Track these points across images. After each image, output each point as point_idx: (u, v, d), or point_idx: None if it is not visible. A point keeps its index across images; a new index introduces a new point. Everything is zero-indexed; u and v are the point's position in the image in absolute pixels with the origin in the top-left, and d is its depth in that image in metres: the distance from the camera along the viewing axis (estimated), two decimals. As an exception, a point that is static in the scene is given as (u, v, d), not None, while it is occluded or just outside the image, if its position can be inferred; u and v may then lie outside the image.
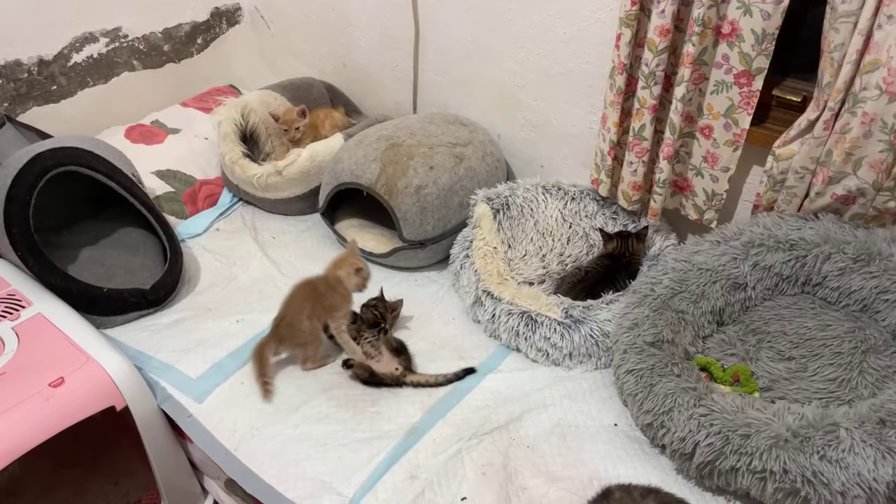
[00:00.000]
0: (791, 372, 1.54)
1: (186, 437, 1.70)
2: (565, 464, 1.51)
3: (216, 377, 1.71)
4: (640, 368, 1.51)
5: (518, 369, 1.74)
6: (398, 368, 1.66)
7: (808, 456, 1.27)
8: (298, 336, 1.70)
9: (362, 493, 1.44)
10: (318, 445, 1.56)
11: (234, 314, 1.90)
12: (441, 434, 1.57)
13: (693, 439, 1.37)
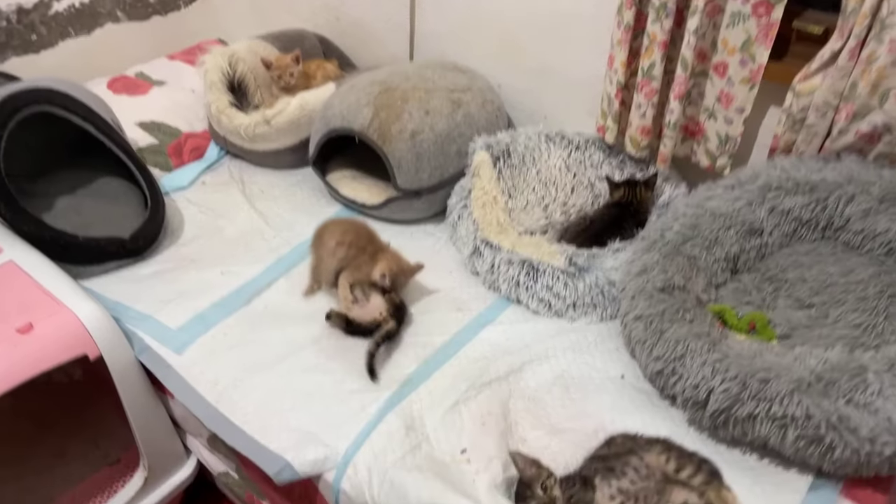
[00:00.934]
0: (811, 319, 1.44)
1: (167, 391, 1.60)
2: (568, 416, 1.41)
3: (197, 328, 1.62)
4: (650, 314, 1.40)
5: (518, 321, 1.64)
6: (382, 313, 1.56)
7: (833, 400, 1.17)
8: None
9: (355, 445, 1.34)
10: (304, 397, 1.46)
11: (218, 265, 1.80)
12: (437, 385, 1.47)
13: (707, 386, 1.27)
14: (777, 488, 1.24)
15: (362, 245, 1.69)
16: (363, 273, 1.64)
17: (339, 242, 1.68)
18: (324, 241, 1.72)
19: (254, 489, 1.60)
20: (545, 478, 1.21)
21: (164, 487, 1.69)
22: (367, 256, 1.66)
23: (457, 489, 1.24)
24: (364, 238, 1.71)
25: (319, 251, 1.72)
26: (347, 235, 1.69)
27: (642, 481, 1.20)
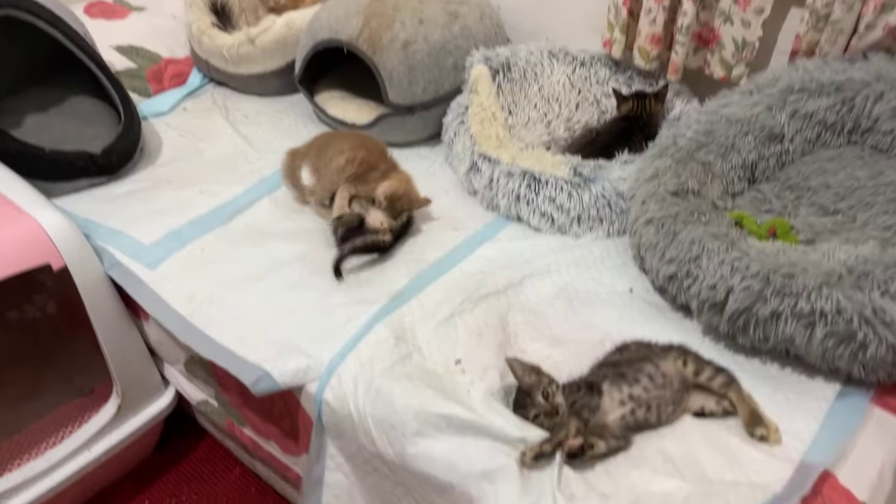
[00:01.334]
0: (837, 224, 1.32)
1: (141, 314, 1.49)
2: (572, 328, 1.30)
3: (172, 244, 1.50)
4: (662, 216, 1.29)
5: (519, 238, 1.53)
6: (382, 223, 1.44)
7: (866, 293, 1.06)
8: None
9: (340, 355, 1.23)
10: (287, 311, 1.35)
11: (197, 185, 1.68)
12: (430, 299, 1.36)
13: (726, 285, 1.16)
14: (800, 397, 1.13)
15: (374, 162, 1.57)
16: (368, 188, 1.52)
17: (349, 160, 1.54)
18: (328, 155, 1.58)
19: (234, 415, 1.49)
20: (546, 384, 1.10)
21: (139, 417, 1.58)
22: (378, 174, 1.55)
23: (449, 397, 1.13)
24: (376, 154, 1.59)
25: (318, 165, 1.59)
26: (359, 152, 1.56)
27: (657, 389, 1.09)
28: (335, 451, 1.21)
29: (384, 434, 1.12)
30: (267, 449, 1.45)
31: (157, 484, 1.69)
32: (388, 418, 1.13)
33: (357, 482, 1.20)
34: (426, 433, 1.09)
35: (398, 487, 1.15)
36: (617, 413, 1.07)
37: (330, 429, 1.20)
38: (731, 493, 0.97)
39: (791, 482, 0.99)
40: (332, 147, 1.60)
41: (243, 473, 1.70)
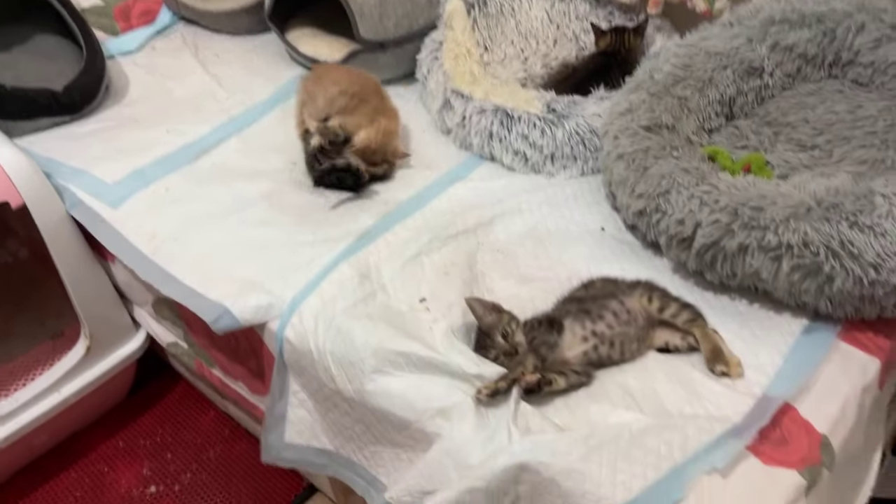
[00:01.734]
0: (813, 159, 1.29)
1: (107, 255, 1.47)
2: (541, 266, 1.28)
3: (136, 183, 1.47)
4: (633, 151, 1.25)
5: (491, 178, 1.49)
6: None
7: (834, 224, 1.03)
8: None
9: (302, 294, 1.21)
10: (251, 249, 1.32)
11: (164, 125, 1.63)
12: (397, 238, 1.33)
13: (694, 220, 1.13)
14: (767, 332, 1.12)
15: (366, 96, 1.54)
16: (351, 123, 1.47)
17: (342, 91, 1.51)
18: (324, 83, 1.55)
19: (203, 356, 1.48)
20: (506, 323, 1.08)
21: (109, 359, 1.57)
22: (370, 109, 1.51)
23: (409, 335, 1.11)
24: (370, 90, 1.56)
25: (314, 91, 1.55)
26: (353, 86, 1.53)
27: (621, 326, 1.08)
28: (298, 388, 1.20)
29: (343, 371, 1.11)
30: (235, 389, 1.44)
31: (131, 426, 1.69)
32: (347, 356, 1.11)
33: (319, 418, 1.19)
34: (384, 370, 1.08)
35: (358, 424, 1.14)
36: (579, 349, 1.06)
37: (292, 366, 1.19)
38: (690, 425, 0.96)
39: (750, 414, 0.98)
40: (328, 77, 1.57)
41: (217, 416, 1.70)
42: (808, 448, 0.95)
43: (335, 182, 1.43)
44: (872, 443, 1.16)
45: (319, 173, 1.43)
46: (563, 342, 1.06)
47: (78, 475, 1.59)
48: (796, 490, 0.91)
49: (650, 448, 0.92)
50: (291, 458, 1.26)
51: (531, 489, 0.92)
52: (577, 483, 0.89)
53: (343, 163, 1.40)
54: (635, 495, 0.88)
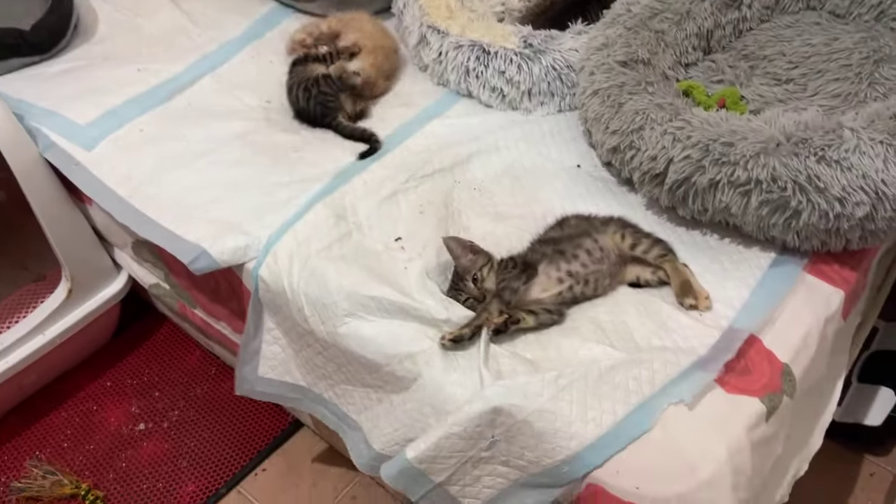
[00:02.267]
0: (788, 93, 1.29)
1: (83, 197, 1.46)
2: (516, 204, 1.29)
3: (109, 123, 1.45)
4: (608, 87, 1.25)
5: (468, 114, 1.49)
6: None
7: (802, 159, 1.04)
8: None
9: (278, 233, 1.22)
10: (226, 190, 1.32)
11: (135, 63, 1.60)
12: (373, 177, 1.33)
13: (666, 156, 1.14)
14: (736, 266, 1.14)
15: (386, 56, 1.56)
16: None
17: (377, 45, 1.54)
18: (364, 28, 1.56)
19: (185, 297, 1.49)
20: (481, 266, 1.10)
21: (92, 301, 1.58)
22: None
23: (382, 278, 1.13)
24: (390, 50, 1.59)
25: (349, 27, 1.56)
26: (380, 40, 1.56)
27: (595, 264, 1.09)
28: (272, 326, 1.22)
29: (317, 313, 1.13)
30: (218, 329, 1.46)
31: (118, 366, 1.72)
32: (320, 298, 1.13)
33: (293, 355, 1.22)
34: (356, 314, 1.10)
35: (330, 363, 1.17)
36: (554, 290, 1.08)
37: (267, 304, 1.21)
38: (657, 359, 0.99)
39: (716, 346, 1.02)
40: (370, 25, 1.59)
41: (202, 355, 1.73)
42: (770, 376, 0.99)
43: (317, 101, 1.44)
44: (835, 371, 1.20)
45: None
46: (535, 286, 1.07)
47: (68, 414, 1.62)
48: (757, 416, 0.95)
49: (619, 384, 0.95)
50: (265, 391, 1.29)
51: (506, 431, 0.95)
52: (549, 422, 0.92)
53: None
54: (606, 430, 0.91)
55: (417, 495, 1.03)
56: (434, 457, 0.99)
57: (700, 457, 0.89)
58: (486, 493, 0.99)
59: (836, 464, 1.46)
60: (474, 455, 0.98)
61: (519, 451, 0.95)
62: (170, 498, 1.47)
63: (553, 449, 0.91)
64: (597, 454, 0.89)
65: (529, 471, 0.94)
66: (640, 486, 0.88)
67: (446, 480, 1.01)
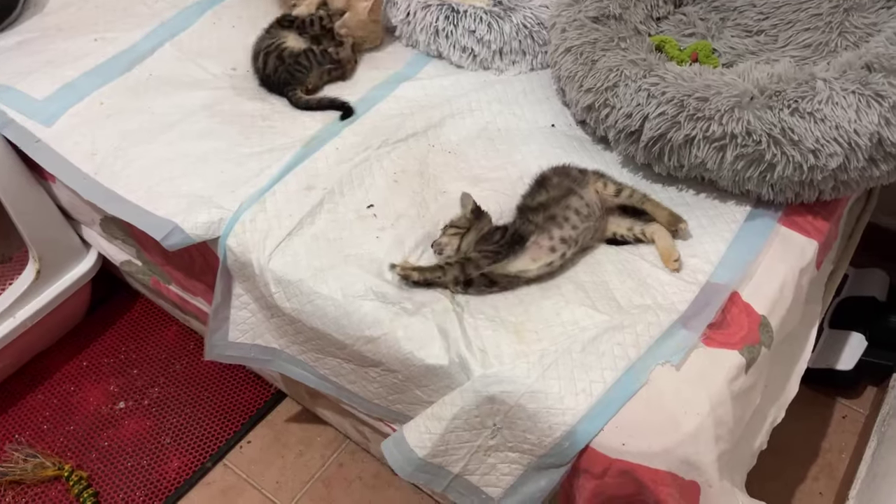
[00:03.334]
0: (759, 45, 1.29)
1: (46, 175, 1.41)
2: (492, 167, 1.28)
3: (68, 97, 1.40)
4: (581, 44, 1.24)
5: (439, 76, 1.46)
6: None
7: (776, 112, 1.04)
8: None
9: (248, 202, 1.19)
10: (195, 163, 1.29)
11: (91, 33, 1.55)
12: (345, 143, 1.31)
13: (641, 113, 1.13)
14: (712, 221, 1.15)
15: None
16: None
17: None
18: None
19: (159, 274, 1.47)
20: (451, 233, 1.11)
21: (62, 281, 1.55)
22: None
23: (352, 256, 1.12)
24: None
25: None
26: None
27: (584, 222, 1.08)
28: (242, 292, 1.20)
29: (282, 290, 1.12)
30: (195, 304, 1.44)
31: (93, 345, 1.69)
32: (286, 276, 1.12)
33: (263, 320, 1.20)
34: (321, 293, 1.09)
35: (300, 334, 1.16)
36: (545, 260, 1.06)
37: (235, 273, 1.19)
38: (639, 321, 0.99)
39: (695, 301, 1.03)
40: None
41: (179, 330, 1.71)
42: (748, 329, 1.00)
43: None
44: (809, 320, 1.23)
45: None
46: (524, 256, 1.07)
47: (45, 396, 1.60)
48: (737, 368, 0.97)
49: (604, 352, 0.96)
50: (236, 354, 1.27)
51: (504, 418, 0.96)
52: (541, 402, 0.93)
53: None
54: (597, 398, 0.92)
55: (442, 487, 1.05)
56: (445, 450, 1.01)
57: (683, 411, 0.91)
58: (506, 479, 1.01)
59: (810, 408, 1.50)
60: (482, 444, 1.00)
61: (521, 435, 0.96)
62: (155, 474, 1.46)
63: (549, 427, 0.92)
64: (592, 423, 0.90)
65: (536, 453, 0.95)
66: (625, 443, 0.89)
67: (463, 470, 1.03)
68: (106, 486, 1.45)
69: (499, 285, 1.06)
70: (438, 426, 1.00)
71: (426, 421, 1.01)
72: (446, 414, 0.99)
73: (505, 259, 1.06)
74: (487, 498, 1.02)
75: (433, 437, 1.00)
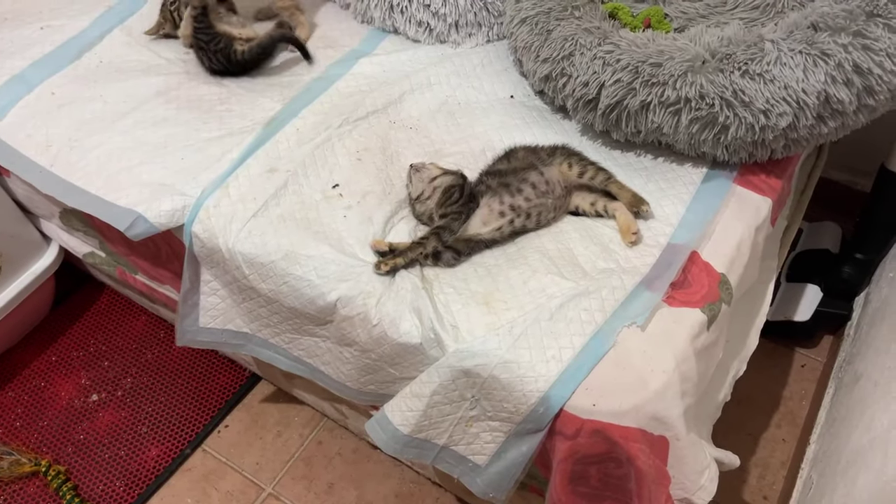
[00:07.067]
0: (708, 8, 1.31)
1: (1, 170, 1.38)
2: (454, 140, 1.29)
3: (18, 89, 1.38)
4: (535, 14, 1.24)
5: (396, 51, 1.46)
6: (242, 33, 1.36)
7: (727, 74, 1.07)
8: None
9: (211, 187, 1.19)
10: (154, 150, 1.28)
11: (37, 21, 1.51)
12: (305, 123, 1.31)
13: (598, 81, 1.15)
14: (671, 184, 1.18)
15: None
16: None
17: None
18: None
19: (124, 264, 1.45)
20: (446, 190, 1.11)
21: (24, 277, 1.53)
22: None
23: (320, 234, 1.12)
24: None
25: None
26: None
27: (539, 198, 1.11)
28: (210, 278, 1.20)
29: (255, 271, 1.12)
30: (163, 292, 1.44)
31: (62, 340, 1.67)
32: (258, 258, 1.12)
33: (234, 304, 1.21)
34: (295, 272, 1.09)
35: (275, 315, 1.16)
36: (494, 224, 1.09)
37: (203, 259, 1.18)
38: (604, 286, 1.02)
39: (657, 264, 1.06)
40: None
41: (149, 319, 1.70)
42: (709, 287, 1.04)
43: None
44: (766, 275, 1.28)
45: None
46: (476, 218, 1.09)
47: (15, 393, 1.58)
48: (699, 326, 1.00)
49: (571, 318, 0.98)
50: (207, 340, 1.28)
51: (480, 389, 0.99)
52: (513, 371, 0.95)
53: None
54: (567, 363, 0.94)
55: (430, 459, 1.08)
56: (428, 424, 1.04)
57: (650, 369, 0.94)
58: (489, 447, 1.03)
59: (769, 359, 1.56)
60: (463, 415, 1.02)
61: (498, 404, 0.98)
62: (133, 464, 1.47)
63: (524, 395, 0.95)
64: (565, 387, 0.93)
65: (515, 420, 0.97)
66: (596, 403, 0.92)
67: (449, 441, 1.05)
68: (85, 479, 1.45)
69: (462, 254, 1.08)
70: (419, 403, 1.02)
71: (406, 400, 1.04)
72: (425, 391, 1.01)
73: (467, 220, 1.09)
74: (475, 465, 1.05)
75: (416, 414, 1.02)
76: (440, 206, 1.10)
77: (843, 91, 1.05)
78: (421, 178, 1.14)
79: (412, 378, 1.06)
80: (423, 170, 1.15)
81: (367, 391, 1.16)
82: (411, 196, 1.16)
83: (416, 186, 1.15)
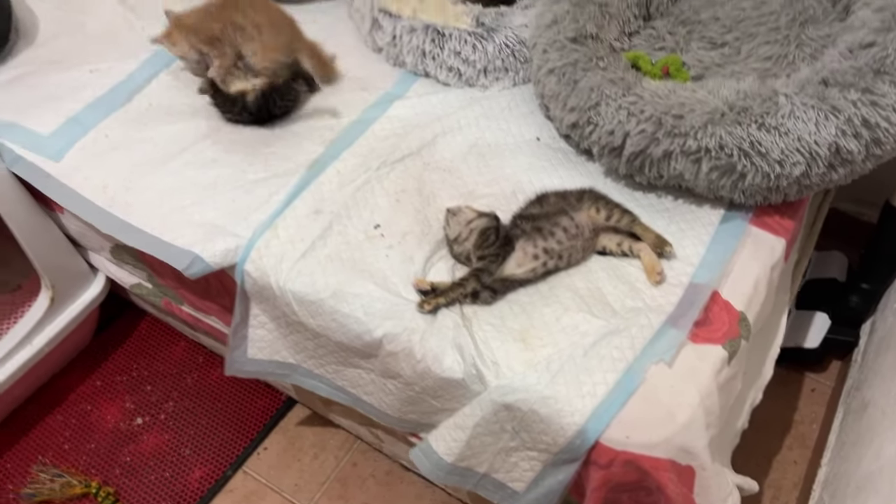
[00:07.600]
0: (724, 57, 1.40)
1: (55, 206, 1.47)
2: (486, 182, 1.37)
3: (74, 132, 1.46)
4: (562, 65, 1.33)
5: (427, 94, 1.54)
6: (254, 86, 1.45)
7: (745, 127, 1.15)
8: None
9: (261, 228, 1.27)
10: (205, 190, 1.36)
11: (85, 64, 1.59)
12: (346, 166, 1.39)
13: (623, 130, 1.23)
14: (690, 224, 1.26)
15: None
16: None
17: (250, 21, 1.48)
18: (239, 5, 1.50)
19: (171, 296, 1.54)
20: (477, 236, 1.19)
21: (74, 307, 1.61)
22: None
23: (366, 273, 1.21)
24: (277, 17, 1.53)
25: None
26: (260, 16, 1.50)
27: (570, 240, 1.19)
28: (258, 312, 1.29)
29: (305, 308, 1.21)
30: (208, 323, 1.52)
31: (105, 365, 1.75)
32: (307, 296, 1.20)
33: (280, 337, 1.29)
34: (342, 310, 1.18)
35: (320, 348, 1.25)
36: (529, 266, 1.17)
37: (253, 295, 1.27)
38: (633, 324, 1.10)
39: (681, 302, 1.14)
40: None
41: (188, 345, 1.78)
42: (729, 325, 1.12)
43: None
44: (780, 308, 1.36)
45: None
46: (511, 261, 1.17)
47: (63, 417, 1.66)
48: (721, 362, 1.08)
49: (604, 356, 1.06)
50: (254, 370, 1.36)
51: (520, 422, 1.07)
52: (552, 406, 1.04)
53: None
54: (601, 399, 1.03)
55: (471, 485, 1.17)
56: (471, 454, 1.13)
57: (677, 403, 1.02)
58: (528, 475, 1.12)
59: (781, 386, 1.64)
60: (504, 446, 1.11)
61: (537, 436, 1.06)
62: (179, 485, 1.55)
63: (561, 428, 1.03)
64: (599, 421, 1.01)
65: (552, 451, 1.06)
66: (629, 436, 1.00)
67: (489, 469, 1.14)
68: (133, 500, 1.53)
69: (498, 293, 1.17)
70: (462, 434, 1.10)
71: (450, 430, 1.12)
72: (468, 423, 1.09)
73: (503, 261, 1.17)
74: (513, 492, 1.14)
75: (459, 444, 1.11)
76: (477, 248, 1.18)
77: (852, 143, 1.13)
78: (458, 221, 1.22)
79: (453, 409, 1.14)
80: (460, 213, 1.23)
81: (407, 419, 1.24)
82: (449, 237, 1.24)
83: (453, 229, 1.23)
